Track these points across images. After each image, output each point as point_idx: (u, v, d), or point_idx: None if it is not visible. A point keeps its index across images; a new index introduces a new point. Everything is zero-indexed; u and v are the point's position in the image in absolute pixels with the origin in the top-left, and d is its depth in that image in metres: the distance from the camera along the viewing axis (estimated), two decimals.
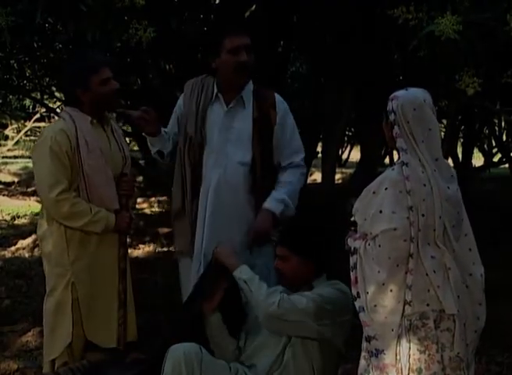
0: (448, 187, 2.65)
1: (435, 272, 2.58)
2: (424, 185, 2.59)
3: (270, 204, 3.44)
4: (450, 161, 7.83)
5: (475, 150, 10.22)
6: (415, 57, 3.59)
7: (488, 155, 10.71)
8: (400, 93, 2.70)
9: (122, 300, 3.41)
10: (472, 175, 9.22)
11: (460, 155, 9.33)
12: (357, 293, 2.67)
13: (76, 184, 3.29)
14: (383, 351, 2.61)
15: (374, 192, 2.66)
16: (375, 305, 2.61)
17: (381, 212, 2.60)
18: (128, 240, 3.58)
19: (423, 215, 2.57)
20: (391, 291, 2.59)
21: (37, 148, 3.37)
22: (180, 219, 3.55)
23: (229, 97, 3.46)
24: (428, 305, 2.59)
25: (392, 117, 2.67)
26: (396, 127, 2.66)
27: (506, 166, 10.95)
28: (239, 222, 3.41)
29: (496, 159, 10.89)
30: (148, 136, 3.51)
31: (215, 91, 3.48)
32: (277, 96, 3.56)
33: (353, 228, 2.79)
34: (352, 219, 2.78)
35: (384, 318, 2.60)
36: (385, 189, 2.62)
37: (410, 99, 2.66)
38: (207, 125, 3.46)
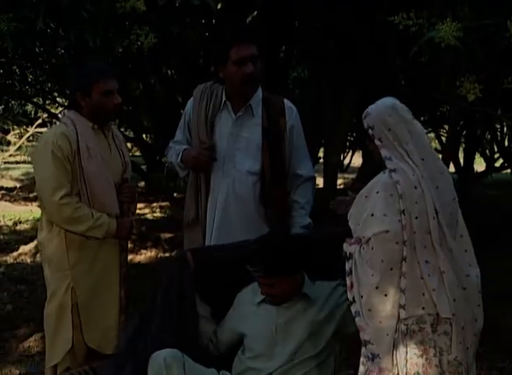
0: (437, 187, 2.66)
1: (429, 275, 2.59)
2: (416, 187, 2.61)
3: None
4: (452, 166, 7.83)
5: (477, 155, 10.20)
6: (416, 62, 3.59)
7: (489, 161, 10.68)
8: (370, 108, 2.74)
9: (124, 305, 3.41)
10: (474, 180, 9.21)
11: (461, 161, 9.32)
12: (353, 298, 2.67)
13: (77, 189, 3.27)
14: (379, 355, 2.61)
15: (366, 196, 2.69)
16: (370, 310, 2.62)
17: (372, 215, 2.62)
18: (130, 245, 3.58)
19: (416, 217, 2.58)
20: (385, 295, 2.59)
21: (38, 151, 3.35)
22: (193, 229, 3.52)
23: (238, 105, 3.43)
24: (423, 308, 2.59)
25: (370, 132, 2.71)
26: (376, 141, 2.69)
27: (508, 171, 10.94)
28: (248, 233, 3.25)
29: (497, 164, 10.87)
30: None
31: (224, 98, 3.44)
32: (286, 102, 3.52)
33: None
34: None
35: (379, 322, 2.60)
36: (377, 192, 2.64)
37: (381, 109, 2.71)
38: (215, 133, 3.43)
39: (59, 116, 8.04)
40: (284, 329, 3.01)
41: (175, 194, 8.76)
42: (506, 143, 11.02)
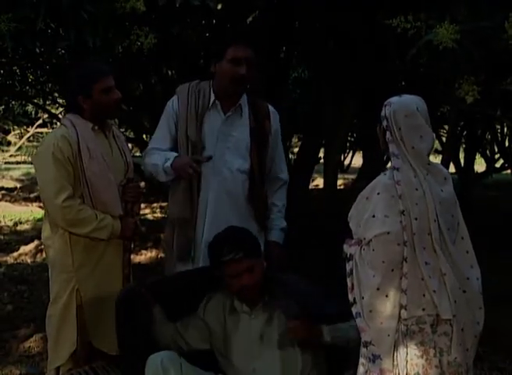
0: (441, 190, 2.67)
1: (430, 277, 2.59)
2: (417, 189, 2.61)
3: (278, 236, 3.56)
4: (452, 167, 7.83)
5: (477, 156, 10.22)
6: (415, 64, 3.59)
7: (490, 161, 10.70)
8: (394, 99, 2.72)
9: None
10: (474, 181, 9.23)
11: (462, 161, 9.34)
12: (354, 299, 2.67)
13: (80, 191, 3.27)
14: (380, 356, 2.61)
15: (367, 198, 2.68)
16: (371, 311, 2.61)
17: (374, 216, 2.61)
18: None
19: (416, 218, 2.58)
20: (386, 296, 2.59)
21: (39, 154, 3.35)
22: (186, 226, 3.49)
23: (227, 104, 3.47)
24: (423, 309, 2.59)
25: (384, 123, 2.69)
26: (388, 133, 2.68)
27: (509, 171, 10.96)
28: None
29: (498, 165, 10.89)
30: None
31: (213, 97, 3.47)
32: (270, 107, 3.60)
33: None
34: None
35: (380, 323, 2.60)
36: (378, 194, 2.64)
37: (402, 106, 2.68)
38: (204, 131, 3.45)
39: (60, 116, 8.06)
40: (261, 343, 3.00)
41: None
42: (507, 143, 11.04)
